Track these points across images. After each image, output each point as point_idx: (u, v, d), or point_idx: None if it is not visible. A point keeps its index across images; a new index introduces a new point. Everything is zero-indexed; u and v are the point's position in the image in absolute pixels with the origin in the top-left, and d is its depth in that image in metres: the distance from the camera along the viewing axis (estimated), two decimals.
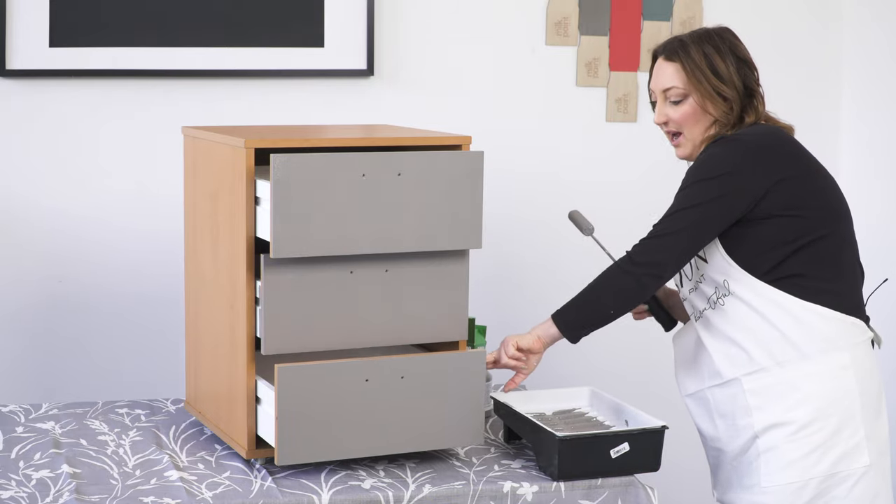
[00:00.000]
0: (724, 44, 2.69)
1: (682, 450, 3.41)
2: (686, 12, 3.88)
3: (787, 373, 2.62)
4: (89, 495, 2.51)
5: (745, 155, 2.60)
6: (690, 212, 2.61)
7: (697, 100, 2.67)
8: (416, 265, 2.69)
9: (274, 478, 2.62)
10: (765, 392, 2.64)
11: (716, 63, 2.67)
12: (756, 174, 2.59)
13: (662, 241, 2.62)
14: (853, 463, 2.62)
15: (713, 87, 2.66)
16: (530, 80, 3.83)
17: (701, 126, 2.70)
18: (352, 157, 2.57)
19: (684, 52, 2.69)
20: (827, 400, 2.61)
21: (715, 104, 2.67)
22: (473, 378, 2.68)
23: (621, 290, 2.65)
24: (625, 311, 2.68)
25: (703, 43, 2.69)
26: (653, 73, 2.76)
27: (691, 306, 2.77)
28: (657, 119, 2.74)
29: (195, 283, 2.93)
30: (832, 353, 2.62)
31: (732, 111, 2.67)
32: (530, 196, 3.86)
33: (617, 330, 3.92)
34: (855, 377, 2.63)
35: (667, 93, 2.71)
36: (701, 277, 2.70)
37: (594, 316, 2.70)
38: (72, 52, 3.46)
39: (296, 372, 2.54)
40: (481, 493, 2.59)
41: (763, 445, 2.64)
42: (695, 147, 2.72)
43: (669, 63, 2.71)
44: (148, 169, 3.56)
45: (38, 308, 3.53)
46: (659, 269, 2.62)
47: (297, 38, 3.60)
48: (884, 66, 3.95)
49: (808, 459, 2.61)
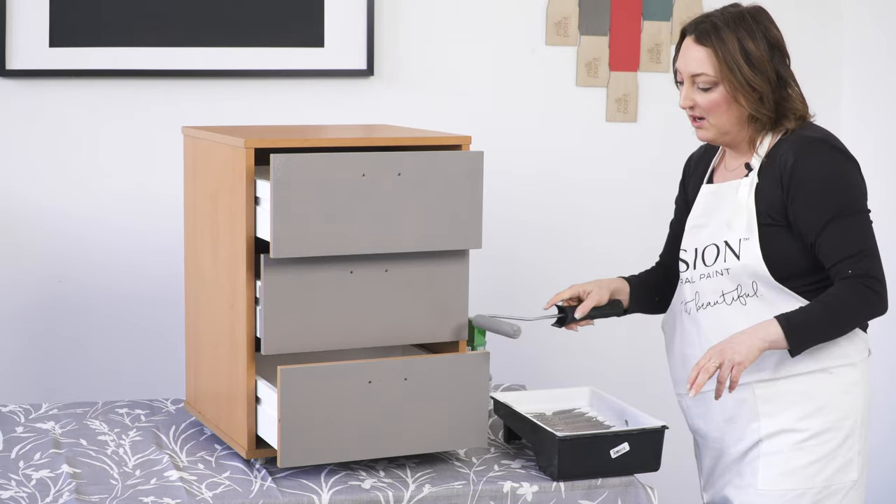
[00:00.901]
0: (759, 28, 2.59)
1: (682, 450, 3.40)
2: (686, 12, 3.87)
3: (801, 383, 2.61)
4: (89, 495, 2.51)
5: (855, 162, 2.61)
6: (869, 226, 2.61)
7: (728, 89, 2.57)
8: (416, 265, 2.68)
9: (274, 478, 2.62)
10: (777, 399, 2.62)
11: (749, 51, 2.56)
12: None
13: (878, 257, 2.59)
14: (845, 477, 2.62)
15: (745, 79, 2.56)
16: (530, 80, 3.82)
17: (729, 115, 2.60)
18: (352, 157, 2.57)
19: (717, 38, 2.57)
20: (839, 414, 2.61)
21: (746, 96, 2.57)
22: (477, 380, 2.68)
23: (875, 314, 2.58)
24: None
25: (737, 27, 2.57)
26: (680, 52, 2.64)
27: (692, 292, 2.71)
28: (683, 103, 2.63)
29: (195, 283, 2.93)
30: (847, 368, 2.62)
31: (764, 104, 2.58)
32: (530, 196, 3.86)
33: (617, 330, 3.94)
34: (862, 393, 2.64)
35: (695, 78, 2.60)
36: (725, 270, 2.64)
37: (831, 335, 2.60)
38: (72, 52, 3.46)
39: (298, 374, 2.54)
40: (481, 493, 2.59)
41: (766, 449, 2.63)
42: (720, 133, 2.63)
43: (700, 46, 2.59)
44: (148, 169, 3.56)
45: (38, 308, 3.53)
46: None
47: (297, 38, 3.60)
48: (884, 66, 3.95)
49: (811, 469, 2.60)
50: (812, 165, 2.57)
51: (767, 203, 2.60)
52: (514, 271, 3.86)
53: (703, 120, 2.63)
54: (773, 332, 2.53)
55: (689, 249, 2.72)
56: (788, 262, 2.59)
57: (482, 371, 2.68)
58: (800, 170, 2.57)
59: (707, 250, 2.68)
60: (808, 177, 2.56)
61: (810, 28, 4.04)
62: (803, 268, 2.60)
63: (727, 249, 2.64)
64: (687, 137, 3.88)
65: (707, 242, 2.68)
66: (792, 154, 2.58)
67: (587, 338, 3.80)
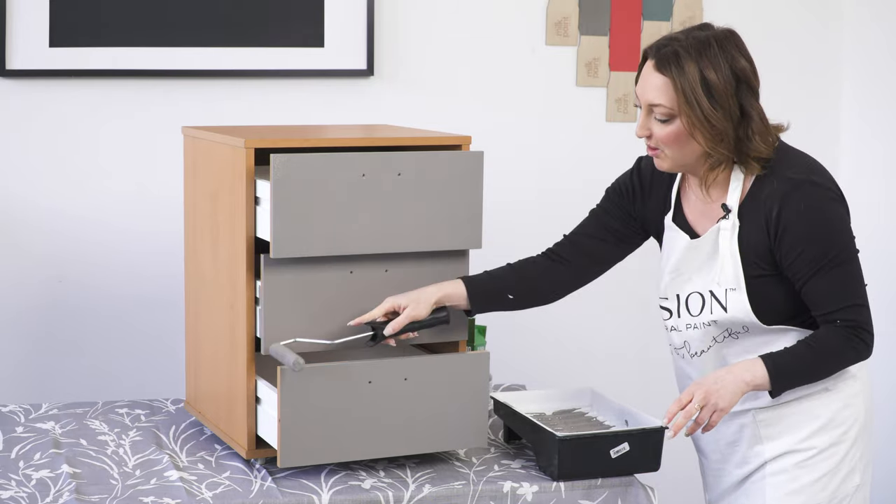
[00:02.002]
0: (725, 56, 2.42)
1: (682, 450, 3.40)
2: (686, 12, 3.88)
3: (803, 403, 2.57)
4: (89, 495, 2.51)
5: (843, 202, 2.52)
6: (858, 272, 2.50)
7: (686, 125, 2.41)
8: (416, 265, 2.68)
9: (274, 478, 2.62)
10: (779, 422, 2.59)
11: (712, 85, 2.39)
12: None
13: (868, 308, 2.51)
14: (849, 484, 2.60)
15: (704, 114, 2.39)
16: (530, 80, 3.82)
17: (688, 150, 2.46)
18: (352, 157, 2.57)
19: (678, 67, 2.40)
20: (843, 428, 2.59)
21: (704, 133, 2.41)
22: (477, 380, 2.68)
23: (859, 358, 2.53)
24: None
25: (700, 56, 2.40)
26: (640, 76, 2.49)
27: (681, 340, 2.64)
28: (639, 132, 2.48)
29: (195, 284, 2.93)
30: (848, 381, 2.59)
31: (723, 143, 2.43)
32: (530, 196, 3.86)
33: (617, 330, 3.94)
34: (863, 403, 2.62)
35: (653, 108, 2.45)
36: (712, 322, 2.57)
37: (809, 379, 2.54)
38: (72, 52, 3.46)
39: (298, 374, 2.54)
40: (481, 493, 2.59)
41: (772, 469, 2.60)
42: (676, 164, 2.49)
43: (659, 74, 2.43)
44: (148, 169, 3.56)
45: (38, 308, 3.53)
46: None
47: (297, 38, 3.60)
48: (884, 66, 3.95)
49: (817, 485, 2.58)
50: (797, 212, 2.44)
51: (753, 251, 2.50)
52: None
53: (659, 150, 2.50)
54: (759, 374, 2.46)
55: (670, 297, 2.63)
56: (778, 309, 2.53)
57: (482, 371, 2.68)
58: (785, 217, 2.45)
59: (691, 298, 2.59)
60: (793, 225, 2.45)
61: (810, 28, 4.04)
62: (793, 310, 2.54)
63: (713, 300, 2.55)
64: None
65: (690, 291, 2.59)
66: (777, 200, 2.46)
67: (587, 338, 3.80)
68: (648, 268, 3.27)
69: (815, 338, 2.50)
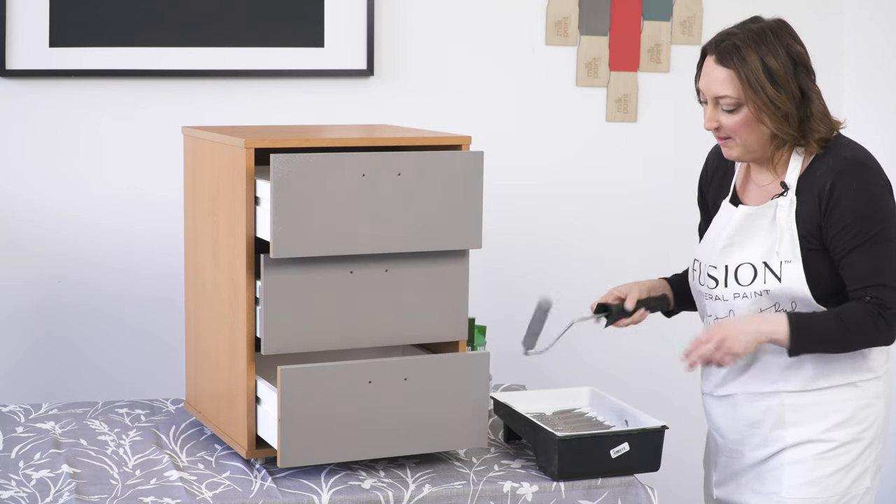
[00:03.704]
0: (781, 44, 2.55)
1: (682, 450, 3.41)
2: (686, 12, 3.88)
3: (829, 394, 2.62)
4: (89, 495, 2.51)
5: (889, 190, 2.57)
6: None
7: (753, 111, 2.53)
8: (416, 265, 2.68)
9: (274, 478, 2.62)
10: (804, 409, 2.62)
11: (772, 69, 2.52)
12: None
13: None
14: (860, 485, 2.65)
15: (770, 98, 2.52)
16: (530, 80, 3.82)
17: (756, 135, 2.57)
18: (352, 157, 2.57)
19: (739, 58, 2.52)
20: (863, 425, 2.63)
21: (771, 116, 2.53)
22: (477, 380, 2.68)
23: (879, 344, 2.58)
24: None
25: (759, 45, 2.52)
26: (702, 72, 2.59)
27: (726, 310, 2.67)
28: (707, 125, 2.60)
29: (195, 283, 2.93)
30: (872, 381, 2.64)
31: (789, 123, 2.55)
32: (530, 196, 3.86)
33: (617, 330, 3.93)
34: (884, 406, 2.67)
35: (719, 100, 2.56)
36: (765, 292, 2.61)
37: (828, 347, 2.59)
38: (72, 52, 3.46)
39: (299, 374, 2.54)
40: (481, 493, 2.59)
41: (790, 458, 2.63)
42: (747, 152, 2.60)
43: (722, 67, 2.54)
44: (148, 169, 3.56)
45: (38, 308, 3.53)
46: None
47: (297, 38, 3.60)
48: (884, 66, 3.95)
49: (833, 478, 2.62)
50: (849, 189, 2.53)
51: (806, 226, 2.58)
52: (514, 271, 3.86)
53: (730, 139, 2.60)
54: (780, 328, 2.53)
55: (718, 266, 2.67)
56: (829, 283, 2.58)
57: (482, 371, 2.68)
58: (837, 192, 2.54)
59: (741, 269, 2.63)
60: (844, 200, 2.53)
61: (810, 26, 4.04)
62: (839, 286, 2.59)
63: (767, 271, 2.60)
64: (687, 137, 3.89)
65: (741, 261, 2.63)
66: (831, 176, 2.55)
67: (587, 338, 3.79)
68: (648, 267, 3.27)
69: (844, 308, 2.55)
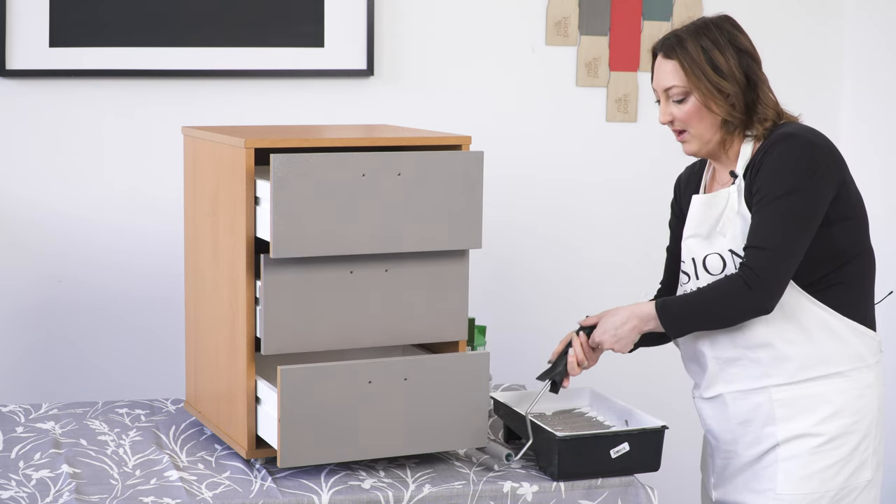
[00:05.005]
0: (723, 35, 2.62)
1: (682, 450, 3.41)
2: (686, 12, 3.88)
3: (818, 387, 2.61)
4: (89, 495, 2.51)
5: (821, 157, 2.55)
6: (797, 224, 2.53)
7: (699, 98, 2.61)
8: (416, 265, 2.68)
9: (274, 478, 2.62)
10: (794, 403, 2.62)
11: (714, 58, 2.61)
12: (832, 177, 2.56)
13: (779, 256, 2.52)
14: (859, 477, 2.64)
15: (713, 84, 2.59)
16: (530, 80, 3.82)
17: (707, 123, 2.63)
18: (352, 157, 2.57)
19: (681, 49, 2.62)
20: (855, 417, 2.62)
21: (717, 102, 2.60)
22: (477, 380, 2.68)
23: (746, 310, 2.57)
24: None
25: (700, 36, 2.62)
26: (654, 72, 2.69)
27: None
28: (662, 119, 2.67)
29: (195, 283, 2.93)
30: (862, 371, 2.63)
31: (736, 108, 2.61)
32: (530, 196, 3.86)
33: None
34: (876, 395, 2.66)
35: (668, 92, 2.65)
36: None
37: (699, 324, 2.62)
38: (72, 52, 3.46)
39: (299, 374, 2.54)
40: (481, 493, 2.59)
41: (784, 454, 2.63)
42: (702, 143, 2.66)
43: (668, 60, 2.64)
44: (148, 169, 3.56)
45: (38, 308, 3.53)
46: (782, 289, 2.54)
47: (297, 38, 3.60)
48: (884, 66, 3.95)
49: (828, 472, 2.61)
50: (771, 155, 2.57)
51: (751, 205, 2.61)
52: (514, 271, 3.86)
53: (685, 133, 2.66)
54: (647, 312, 2.62)
55: (687, 261, 2.71)
56: (805, 259, 2.57)
57: (482, 371, 2.68)
58: (763, 160, 2.58)
59: (709, 259, 2.66)
60: (765, 165, 2.57)
61: (810, 27, 4.04)
62: (805, 264, 2.57)
63: (733, 258, 2.62)
64: None
65: (708, 252, 2.66)
66: (765, 149, 2.60)
67: None
68: (648, 267, 3.27)
69: (710, 283, 2.61)
